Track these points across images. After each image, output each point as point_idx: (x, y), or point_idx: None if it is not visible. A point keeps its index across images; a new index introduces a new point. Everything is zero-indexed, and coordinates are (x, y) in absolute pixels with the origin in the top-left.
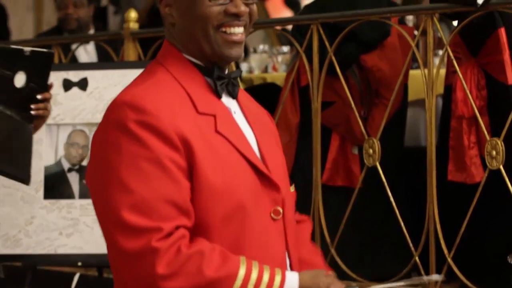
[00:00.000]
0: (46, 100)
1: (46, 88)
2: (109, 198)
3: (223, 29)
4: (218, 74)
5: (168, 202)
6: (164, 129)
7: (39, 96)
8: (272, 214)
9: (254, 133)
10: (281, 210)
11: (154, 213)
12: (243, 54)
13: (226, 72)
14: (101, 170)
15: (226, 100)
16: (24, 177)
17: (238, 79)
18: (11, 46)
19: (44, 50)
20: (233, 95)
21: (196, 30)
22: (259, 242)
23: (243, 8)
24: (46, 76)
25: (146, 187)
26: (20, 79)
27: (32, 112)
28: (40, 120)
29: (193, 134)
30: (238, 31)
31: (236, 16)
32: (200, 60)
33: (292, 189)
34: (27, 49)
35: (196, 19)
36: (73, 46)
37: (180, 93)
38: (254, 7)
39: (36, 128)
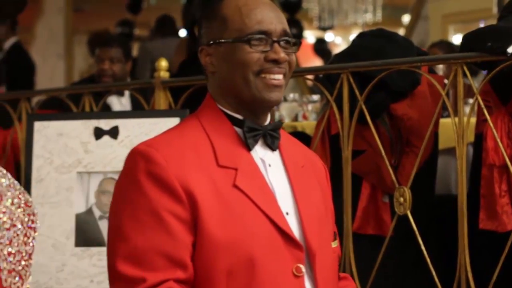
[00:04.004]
0: None
1: None
2: (109, 244)
3: (263, 75)
4: (249, 126)
5: (159, 254)
6: (169, 180)
7: None
8: (294, 271)
9: (292, 187)
10: (302, 268)
11: (143, 263)
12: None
13: (266, 122)
14: (110, 216)
15: (263, 152)
16: None
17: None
18: None
19: None
20: (272, 148)
21: (236, 76)
22: None
23: (282, 55)
24: None
25: (141, 237)
26: None
27: None
28: None
29: (203, 187)
30: (277, 77)
31: (276, 62)
32: (235, 111)
33: (335, 244)
34: None
35: (237, 66)
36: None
37: (204, 144)
38: (293, 56)
39: None
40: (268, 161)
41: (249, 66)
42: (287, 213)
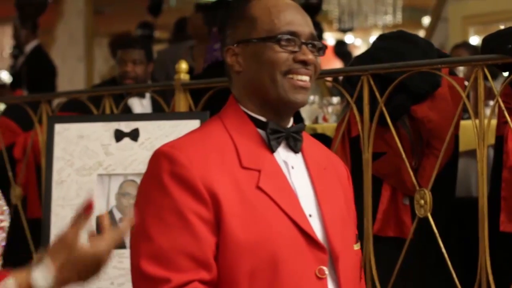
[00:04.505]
0: None
1: None
2: (133, 245)
3: (290, 76)
4: (273, 128)
5: (184, 254)
6: (192, 181)
7: None
8: (317, 273)
9: (315, 189)
10: (325, 270)
11: (168, 263)
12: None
13: (289, 125)
14: (135, 217)
15: (285, 154)
16: None
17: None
18: None
19: None
20: (295, 150)
21: (264, 76)
22: None
23: (311, 57)
24: None
25: (165, 238)
26: None
27: None
28: None
29: (226, 188)
30: (304, 78)
31: (304, 63)
32: (259, 113)
33: (357, 246)
34: None
35: (265, 65)
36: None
37: (228, 145)
38: (319, 60)
39: None
40: (291, 163)
41: (278, 65)
42: (310, 215)
